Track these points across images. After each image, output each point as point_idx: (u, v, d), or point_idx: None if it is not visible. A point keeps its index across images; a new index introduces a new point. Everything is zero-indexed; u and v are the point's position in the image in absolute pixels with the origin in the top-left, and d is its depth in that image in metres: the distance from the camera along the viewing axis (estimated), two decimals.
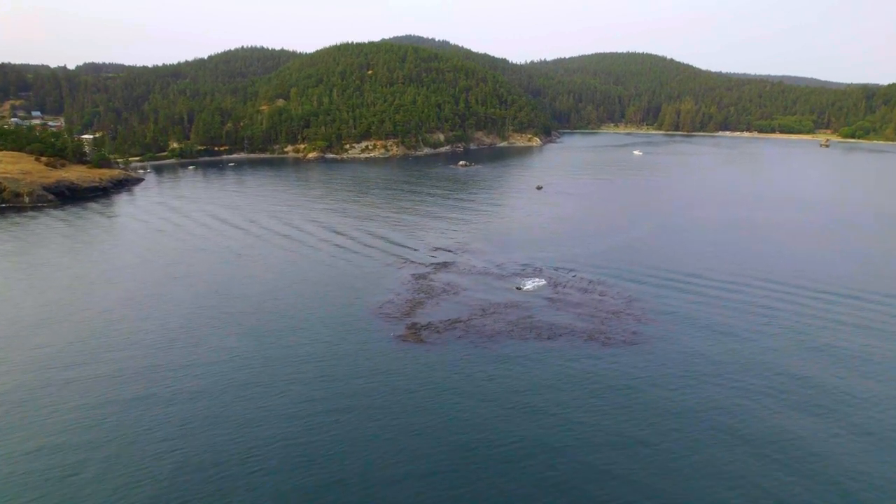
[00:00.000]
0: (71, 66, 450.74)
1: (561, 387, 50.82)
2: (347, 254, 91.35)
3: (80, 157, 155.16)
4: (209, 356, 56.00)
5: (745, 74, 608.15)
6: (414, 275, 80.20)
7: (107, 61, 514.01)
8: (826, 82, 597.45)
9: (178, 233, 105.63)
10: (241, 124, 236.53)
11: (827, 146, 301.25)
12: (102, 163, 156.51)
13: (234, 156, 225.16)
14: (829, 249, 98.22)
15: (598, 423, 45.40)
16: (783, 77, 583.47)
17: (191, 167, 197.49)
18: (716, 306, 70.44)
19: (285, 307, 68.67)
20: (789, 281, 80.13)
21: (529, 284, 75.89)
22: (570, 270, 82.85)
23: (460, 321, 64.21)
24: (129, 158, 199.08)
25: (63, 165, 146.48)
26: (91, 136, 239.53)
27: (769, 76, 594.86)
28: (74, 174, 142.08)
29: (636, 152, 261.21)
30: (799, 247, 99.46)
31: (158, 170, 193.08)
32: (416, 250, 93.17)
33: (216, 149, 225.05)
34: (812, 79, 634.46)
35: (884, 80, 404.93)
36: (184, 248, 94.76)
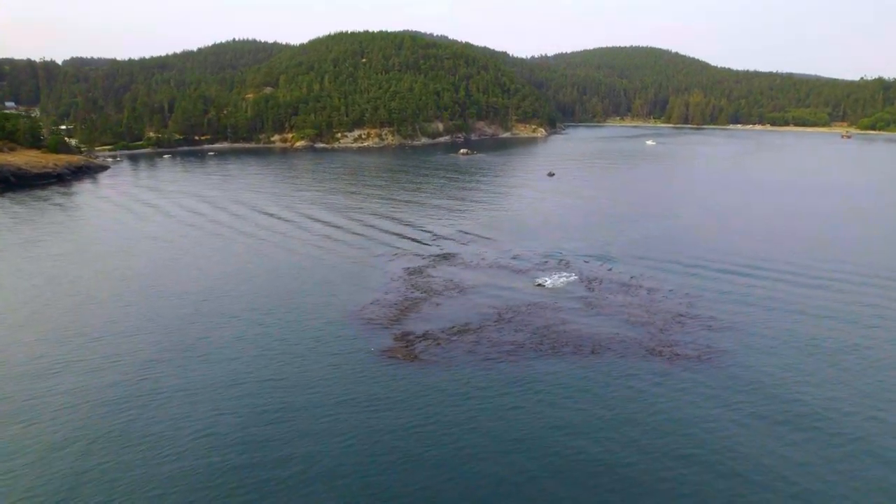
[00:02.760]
0: (59, 62, 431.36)
1: (622, 424, 33.88)
2: (327, 243, 74.35)
3: (34, 142, 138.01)
4: (128, 367, 38.96)
5: (748, 71, 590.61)
6: (407, 268, 63.23)
7: (97, 56, 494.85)
8: (830, 79, 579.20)
9: (133, 222, 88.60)
10: (225, 112, 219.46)
11: (849, 137, 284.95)
12: (60, 148, 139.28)
13: (216, 145, 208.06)
14: None
15: (692, 478, 28.47)
16: (789, 74, 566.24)
17: (166, 156, 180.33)
18: (804, 301, 53.48)
19: (236, 306, 51.63)
20: (882, 269, 63.25)
21: (555, 280, 58.96)
22: (604, 263, 65.91)
23: (468, 329, 47.25)
24: (101, 147, 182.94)
25: (12, 149, 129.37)
26: (64, 127, 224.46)
27: (775, 73, 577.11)
28: (23, 159, 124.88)
29: (649, 142, 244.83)
30: (868, 234, 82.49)
31: (133, 159, 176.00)
32: (411, 239, 76.31)
33: (197, 138, 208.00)
34: (816, 75, 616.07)
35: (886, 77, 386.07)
36: (134, 238, 77.66)
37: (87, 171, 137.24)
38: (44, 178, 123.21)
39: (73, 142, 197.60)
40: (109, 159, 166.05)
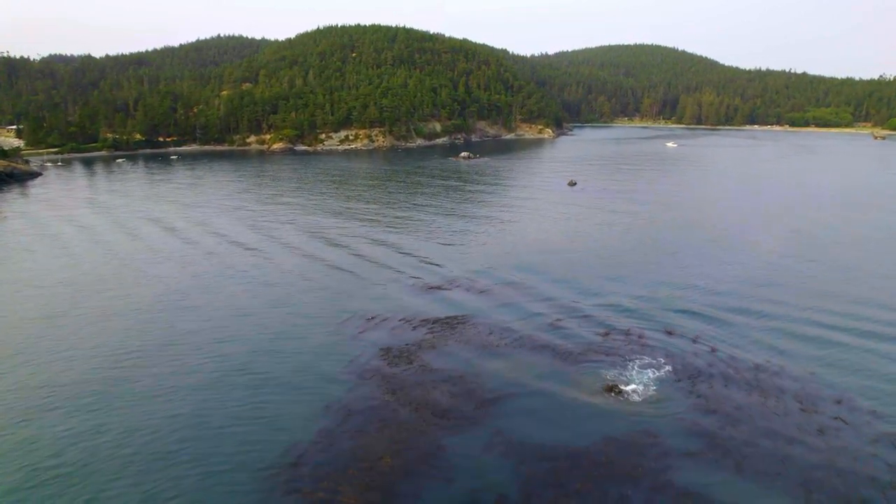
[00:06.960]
0: (34, 59, 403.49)
1: None
2: (272, 297, 49.87)
3: None
4: None
5: (761, 69, 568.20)
6: (388, 349, 39.02)
7: (78, 53, 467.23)
8: (847, 78, 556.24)
9: (28, 254, 64.17)
10: (195, 111, 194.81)
11: (883, 139, 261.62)
12: None
13: (183, 147, 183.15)
14: None
15: None
16: (804, 73, 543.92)
17: (119, 160, 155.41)
18: None
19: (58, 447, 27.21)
20: None
21: (637, 379, 34.91)
22: (698, 333, 41.74)
23: None
24: (47, 149, 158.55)
25: None
26: (14, 127, 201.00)
27: (789, 71, 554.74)
28: None
29: (670, 144, 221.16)
30: None
31: (85, 163, 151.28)
32: (399, 285, 52.09)
33: (161, 139, 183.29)
34: (821, 75, 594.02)
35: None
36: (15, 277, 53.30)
37: (7, 180, 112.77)
38: None
39: (21, 143, 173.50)
40: (48, 164, 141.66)
